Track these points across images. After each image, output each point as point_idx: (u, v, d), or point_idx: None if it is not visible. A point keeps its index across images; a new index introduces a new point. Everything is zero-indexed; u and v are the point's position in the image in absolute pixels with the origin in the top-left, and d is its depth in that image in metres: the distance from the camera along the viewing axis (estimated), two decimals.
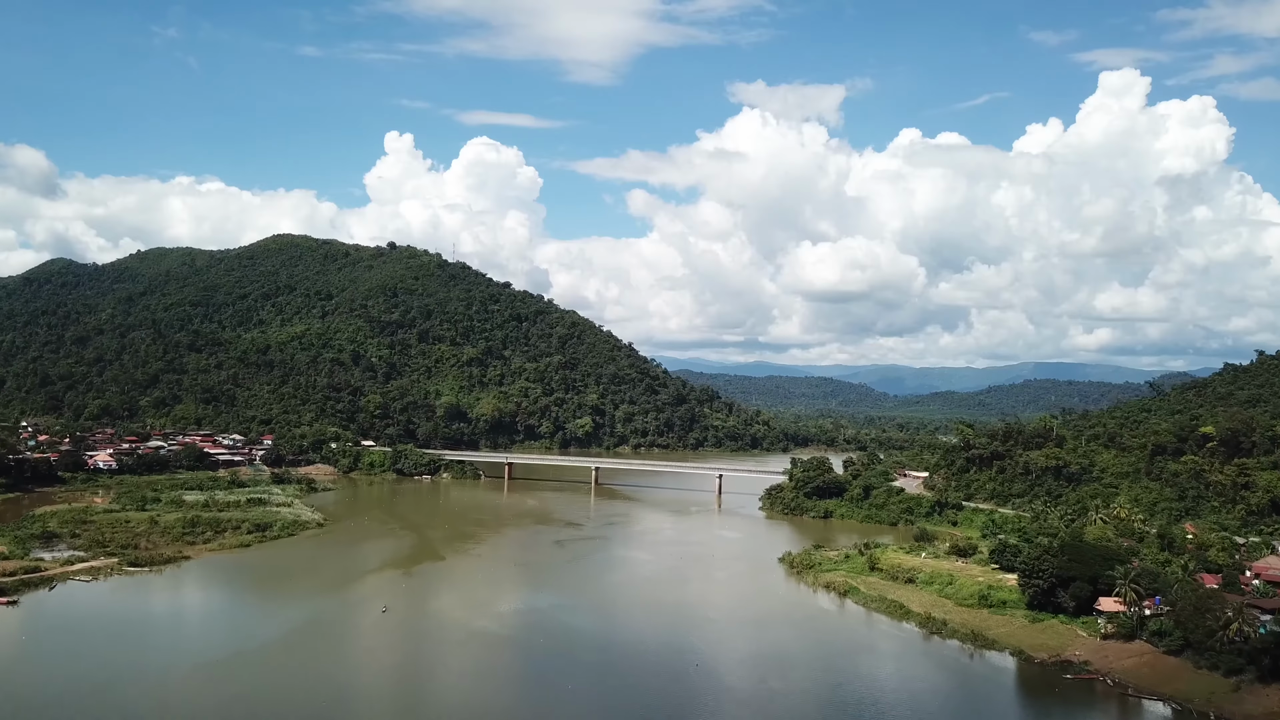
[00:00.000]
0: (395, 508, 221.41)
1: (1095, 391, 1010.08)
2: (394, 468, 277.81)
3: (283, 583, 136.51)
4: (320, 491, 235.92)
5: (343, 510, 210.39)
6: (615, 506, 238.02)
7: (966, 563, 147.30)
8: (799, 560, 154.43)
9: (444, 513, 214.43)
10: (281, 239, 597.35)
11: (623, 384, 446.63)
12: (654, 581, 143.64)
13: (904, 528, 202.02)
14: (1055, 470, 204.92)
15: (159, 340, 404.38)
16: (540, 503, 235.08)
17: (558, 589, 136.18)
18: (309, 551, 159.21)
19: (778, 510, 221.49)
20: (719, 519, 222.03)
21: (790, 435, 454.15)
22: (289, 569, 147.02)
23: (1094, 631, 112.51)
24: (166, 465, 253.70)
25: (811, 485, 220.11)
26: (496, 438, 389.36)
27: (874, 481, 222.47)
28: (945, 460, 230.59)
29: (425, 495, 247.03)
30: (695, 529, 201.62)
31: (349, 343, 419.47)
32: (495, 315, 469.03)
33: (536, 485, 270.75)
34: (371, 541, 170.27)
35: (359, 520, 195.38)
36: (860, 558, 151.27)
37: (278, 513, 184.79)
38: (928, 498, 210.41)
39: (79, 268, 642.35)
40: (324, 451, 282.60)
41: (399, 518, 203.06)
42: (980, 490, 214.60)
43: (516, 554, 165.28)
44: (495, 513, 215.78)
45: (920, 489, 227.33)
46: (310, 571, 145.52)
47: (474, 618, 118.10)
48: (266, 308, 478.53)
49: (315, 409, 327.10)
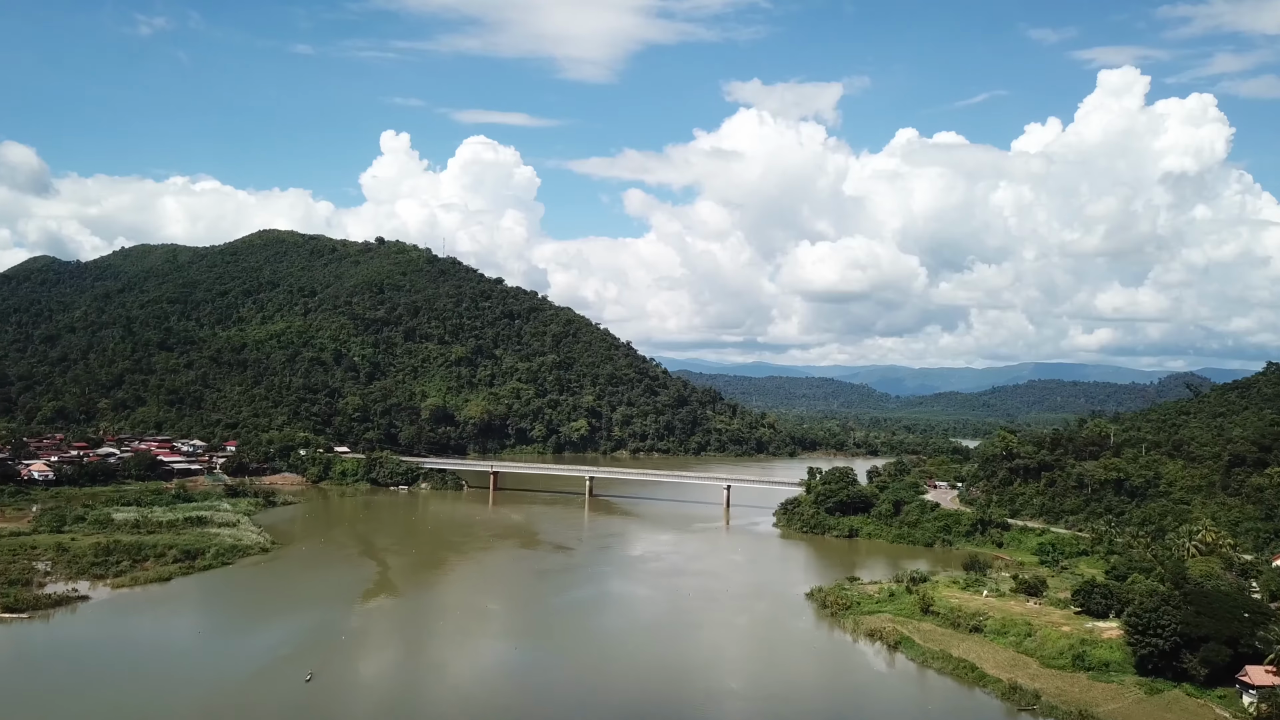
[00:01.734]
0: (361, 526, 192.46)
1: (1101, 392, 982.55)
2: (368, 477, 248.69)
3: (184, 638, 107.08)
4: (280, 506, 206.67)
5: (300, 529, 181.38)
6: (611, 523, 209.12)
7: (1040, 604, 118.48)
8: (832, 598, 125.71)
9: (416, 532, 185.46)
10: (267, 234, 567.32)
11: (620, 385, 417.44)
12: (656, 630, 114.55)
13: (941, 549, 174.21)
14: (1115, 484, 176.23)
15: (128, 338, 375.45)
16: (527, 518, 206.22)
17: (534, 644, 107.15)
18: (239, 588, 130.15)
19: (795, 528, 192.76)
20: (728, 538, 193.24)
21: (798, 439, 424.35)
22: (203, 615, 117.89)
23: (1238, 711, 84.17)
24: (113, 475, 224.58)
25: (834, 500, 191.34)
26: (486, 442, 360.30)
27: (904, 495, 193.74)
28: (984, 470, 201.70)
29: (400, 509, 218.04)
30: (702, 552, 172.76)
31: (330, 341, 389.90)
32: (486, 312, 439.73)
33: (524, 497, 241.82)
34: (320, 572, 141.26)
35: (315, 542, 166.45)
36: (908, 596, 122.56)
37: (216, 535, 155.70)
38: (967, 514, 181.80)
39: (61, 265, 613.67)
40: (291, 459, 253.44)
41: (362, 539, 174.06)
42: (1027, 506, 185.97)
43: (490, 589, 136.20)
44: (474, 532, 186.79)
45: (955, 503, 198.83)
46: (229, 618, 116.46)
47: (425, 688, 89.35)
48: (247, 304, 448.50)
49: (288, 412, 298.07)
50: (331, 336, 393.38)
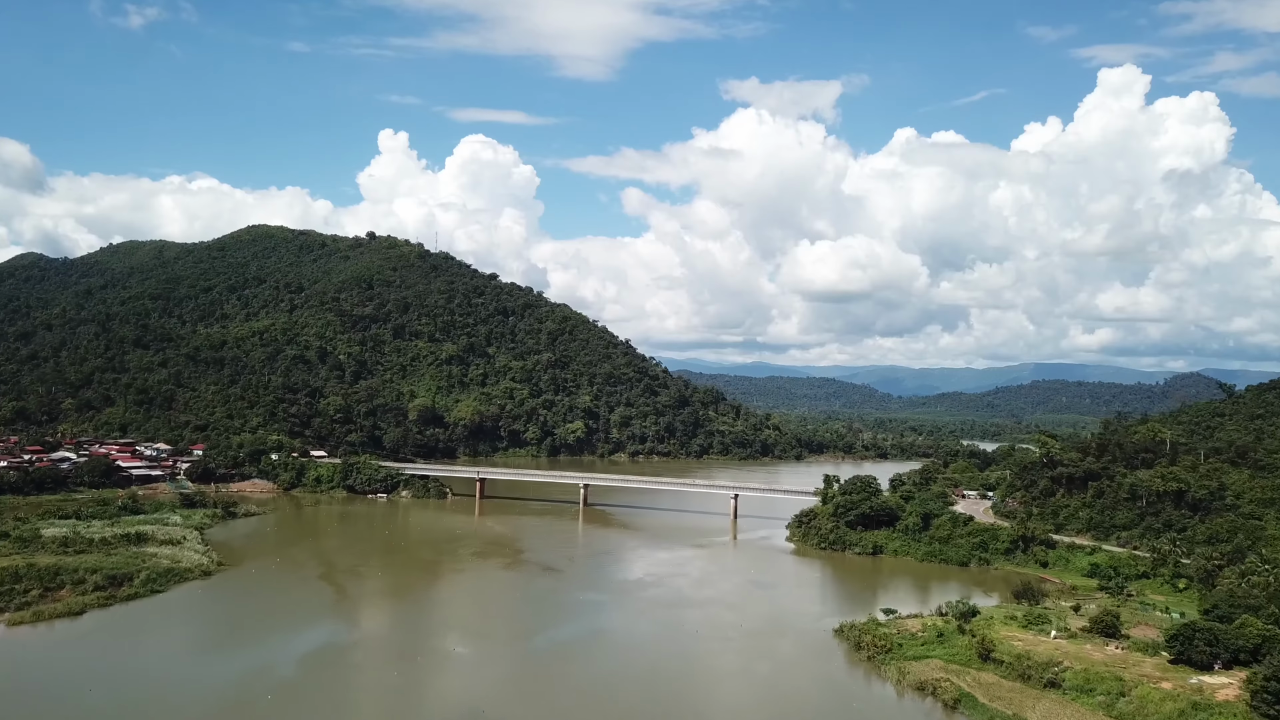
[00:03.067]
0: (328, 540, 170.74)
1: (1106, 392, 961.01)
2: (344, 484, 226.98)
3: (62, 702, 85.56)
4: (242, 517, 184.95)
5: (257, 545, 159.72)
6: (607, 537, 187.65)
7: (1122, 648, 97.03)
8: (867, 636, 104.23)
9: (389, 548, 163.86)
10: (256, 230, 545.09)
11: (619, 384, 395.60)
12: (659, 682, 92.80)
13: (977, 569, 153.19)
14: (1175, 496, 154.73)
15: (101, 335, 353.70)
16: (514, 532, 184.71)
17: (505, 704, 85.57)
18: (159, 626, 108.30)
19: (812, 543, 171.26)
20: (738, 556, 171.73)
21: (804, 441, 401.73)
22: (101, 663, 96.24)
23: None
24: (64, 482, 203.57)
25: (855, 513, 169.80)
26: (477, 445, 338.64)
27: (933, 507, 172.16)
28: (1021, 479, 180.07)
29: (375, 520, 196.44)
30: (710, 574, 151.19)
31: (316, 339, 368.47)
32: (479, 309, 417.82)
33: (513, 506, 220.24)
34: (265, 602, 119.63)
35: (270, 562, 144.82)
36: (961, 637, 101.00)
37: (152, 556, 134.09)
38: (1005, 530, 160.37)
39: (48, 262, 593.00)
40: (262, 464, 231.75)
41: (325, 558, 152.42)
42: (1072, 520, 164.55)
43: (461, 625, 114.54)
44: (453, 548, 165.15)
45: (989, 516, 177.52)
46: (135, 667, 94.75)
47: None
48: (231, 301, 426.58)
49: (264, 413, 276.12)
50: (317, 334, 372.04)
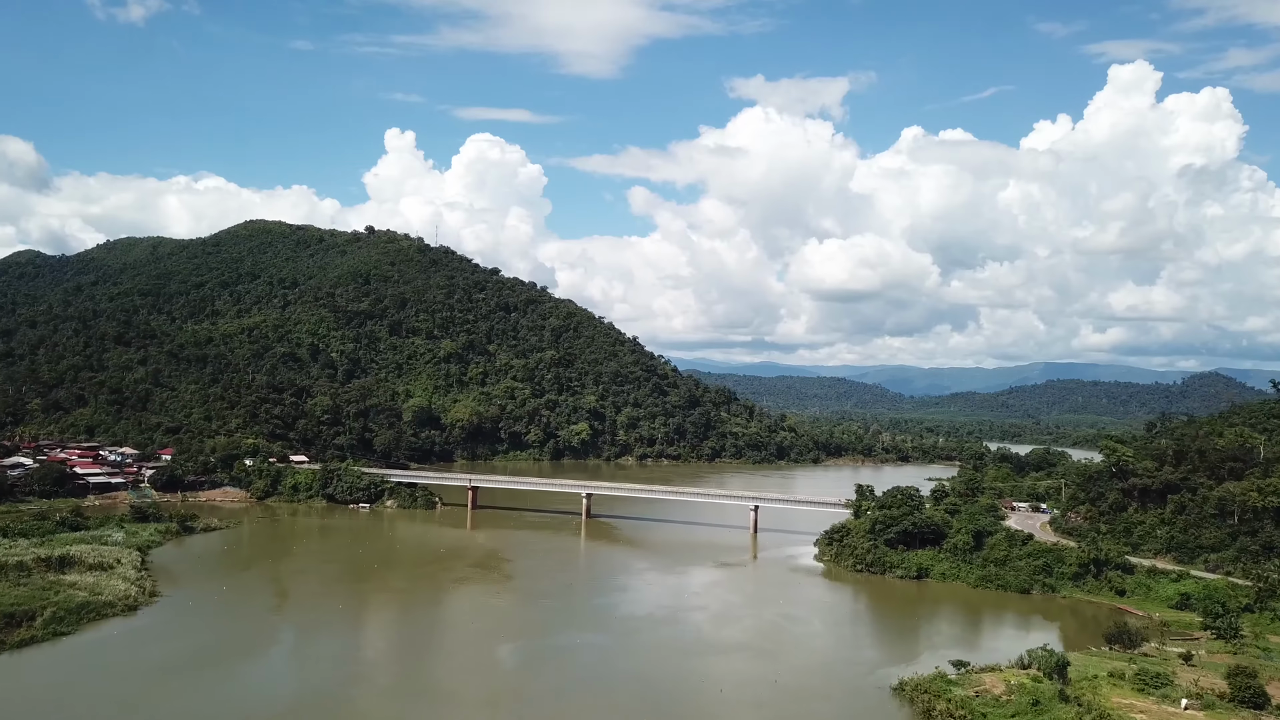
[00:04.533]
0: (292, 562, 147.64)
1: (1123, 392, 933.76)
2: (323, 492, 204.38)
3: None
4: (201, 532, 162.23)
5: (208, 568, 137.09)
6: (612, 556, 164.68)
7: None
8: (939, 702, 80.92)
9: (359, 569, 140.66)
10: (253, 225, 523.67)
11: (626, 384, 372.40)
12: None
13: (1041, 596, 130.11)
14: (1276, 513, 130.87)
15: (82, 332, 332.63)
16: (507, 548, 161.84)
17: None
18: (45, 685, 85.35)
19: (846, 564, 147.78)
20: (761, 579, 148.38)
21: (821, 444, 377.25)
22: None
23: None
24: (11, 492, 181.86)
25: (895, 529, 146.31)
26: (475, 447, 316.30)
27: (985, 523, 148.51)
28: (1084, 491, 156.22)
29: (352, 535, 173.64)
30: (732, 605, 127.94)
31: (308, 335, 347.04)
32: (480, 305, 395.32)
33: (508, 517, 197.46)
34: (188, 648, 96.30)
35: (215, 591, 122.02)
36: (1063, 707, 77.43)
37: (70, 586, 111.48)
38: (1072, 550, 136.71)
39: (44, 259, 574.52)
40: (235, 470, 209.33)
41: (282, 585, 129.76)
42: (1148, 539, 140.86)
43: (415, 693, 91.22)
44: (433, 571, 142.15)
45: (1047, 532, 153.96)
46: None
47: None
48: (223, 297, 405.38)
49: (244, 414, 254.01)
50: (310, 331, 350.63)
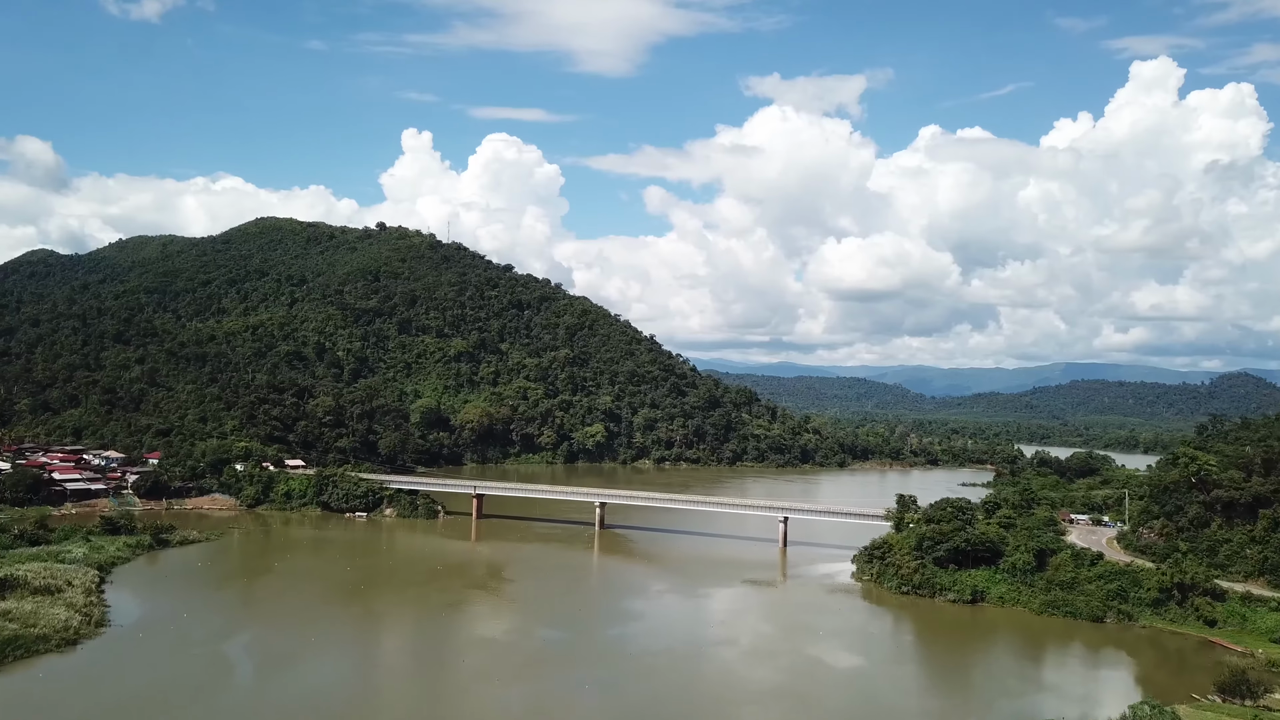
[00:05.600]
0: (270, 582, 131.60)
1: (1150, 393, 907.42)
2: (318, 500, 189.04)
3: None
4: (176, 546, 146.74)
5: (175, 590, 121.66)
6: (628, 575, 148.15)
7: None
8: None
9: (345, 592, 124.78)
10: (264, 222, 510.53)
11: (643, 383, 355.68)
12: None
13: (1116, 626, 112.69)
14: None
15: (81, 330, 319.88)
16: (512, 563, 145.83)
17: None
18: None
19: (889, 585, 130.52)
20: (794, 602, 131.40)
21: (847, 446, 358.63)
22: None
23: None
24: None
25: (945, 546, 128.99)
26: (485, 450, 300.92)
27: (1047, 540, 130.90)
28: (1158, 504, 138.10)
29: (347, 548, 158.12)
30: (768, 639, 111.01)
31: (314, 333, 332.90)
32: (493, 302, 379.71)
33: (516, 528, 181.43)
34: (113, 694, 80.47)
35: (174, 618, 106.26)
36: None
37: (3, 615, 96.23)
38: (1149, 572, 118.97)
39: (57, 258, 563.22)
40: (224, 475, 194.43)
41: (252, 611, 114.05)
42: (1237, 560, 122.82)
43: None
44: (428, 593, 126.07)
45: (1115, 550, 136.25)
46: None
47: None
48: (230, 295, 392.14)
49: (242, 415, 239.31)
50: (316, 329, 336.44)
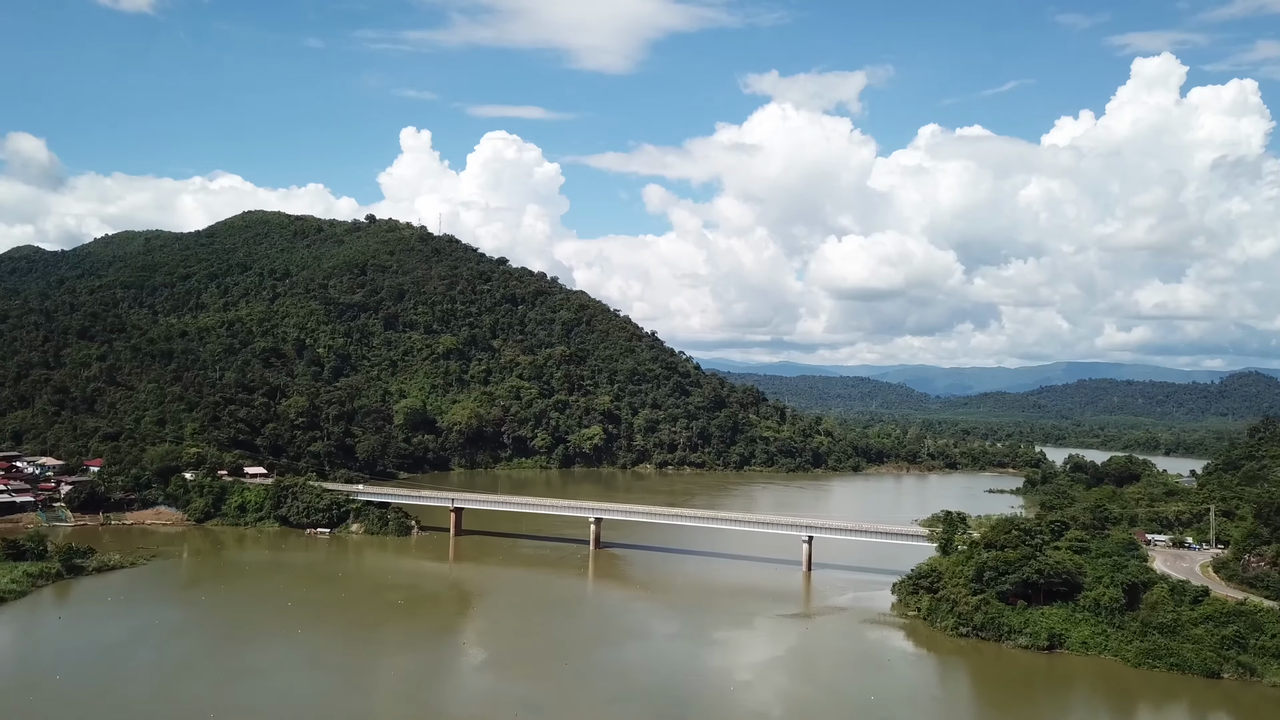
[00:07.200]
0: (190, 623, 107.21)
1: (1158, 392, 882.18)
2: (275, 513, 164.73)
3: None
4: (93, 574, 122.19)
5: (66, 634, 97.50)
6: (626, 610, 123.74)
7: None
8: None
9: (280, 630, 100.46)
10: (250, 215, 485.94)
11: (644, 382, 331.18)
12: None
13: (1237, 682, 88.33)
14: None
15: (43, 326, 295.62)
16: (484, 591, 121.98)
17: None
18: None
19: (944, 623, 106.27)
20: (826, 645, 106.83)
21: (861, 449, 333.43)
22: None
23: None
24: None
25: (1012, 578, 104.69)
26: (475, 454, 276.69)
27: (1134, 570, 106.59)
28: (1268, 525, 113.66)
29: (300, 573, 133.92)
30: (803, 700, 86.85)
31: (295, 329, 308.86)
32: (485, 296, 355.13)
33: (500, 545, 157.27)
34: None
35: (35, 685, 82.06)
36: None
37: None
38: (1272, 613, 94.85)
39: (41, 254, 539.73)
40: (171, 486, 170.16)
41: (154, 675, 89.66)
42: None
43: None
44: (384, 635, 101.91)
45: (1211, 577, 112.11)
46: None
47: None
48: (210, 289, 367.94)
49: (205, 416, 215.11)
50: (297, 324, 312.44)
